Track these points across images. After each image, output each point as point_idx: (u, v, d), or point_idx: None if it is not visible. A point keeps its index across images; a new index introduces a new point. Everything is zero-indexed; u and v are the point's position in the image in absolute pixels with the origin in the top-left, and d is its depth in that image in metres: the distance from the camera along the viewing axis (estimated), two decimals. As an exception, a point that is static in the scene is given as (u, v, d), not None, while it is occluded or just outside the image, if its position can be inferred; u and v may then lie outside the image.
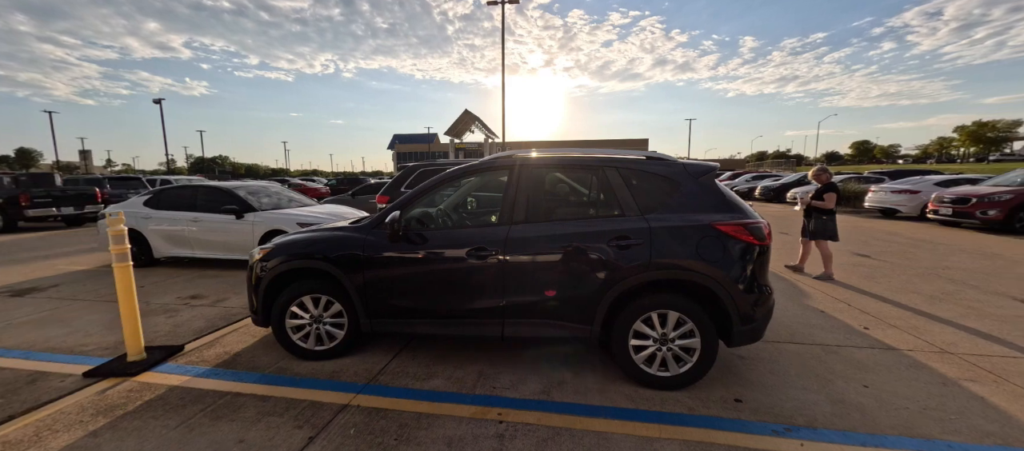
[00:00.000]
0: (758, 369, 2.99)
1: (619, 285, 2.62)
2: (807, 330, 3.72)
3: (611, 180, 2.80)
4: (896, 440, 2.19)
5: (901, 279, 5.44)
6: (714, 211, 2.63)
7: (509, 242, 2.74)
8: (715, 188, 2.71)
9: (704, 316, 2.59)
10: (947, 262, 6.40)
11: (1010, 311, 4.15)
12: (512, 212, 2.83)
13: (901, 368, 2.99)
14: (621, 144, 63.84)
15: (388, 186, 7.18)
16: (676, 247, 2.58)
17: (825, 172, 5.75)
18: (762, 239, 2.58)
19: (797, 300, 4.63)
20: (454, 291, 2.86)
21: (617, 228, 2.66)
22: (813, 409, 2.48)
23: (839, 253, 7.15)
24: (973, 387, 2.71)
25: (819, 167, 5.81)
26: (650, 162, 2.84)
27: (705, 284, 2.56)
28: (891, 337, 3.55)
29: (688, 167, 2.77)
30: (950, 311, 4.17)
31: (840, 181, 16.27)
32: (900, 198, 12.17)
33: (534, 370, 2.98)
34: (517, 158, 2.98)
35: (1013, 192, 9.35)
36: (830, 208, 5.53)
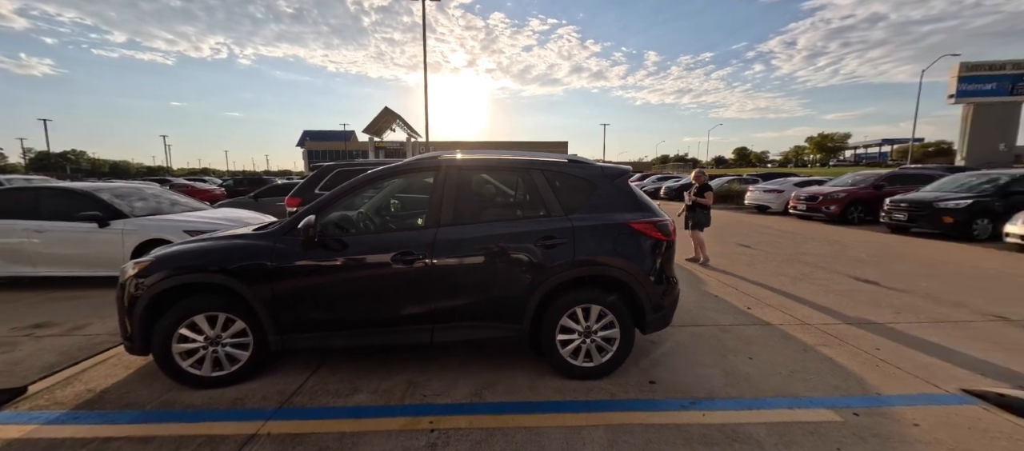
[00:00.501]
0: (668, 352, 3.32)
1: (546, 283, 2.72)
2: (705, 313, 4.24)
3: (536, 182, 2.89)
4: (773, 401, 2.60)
5: (772, 264, 6.47)
6: (628, 210, 2.86)
7: (436, 245, 2.68)
8: (628, 189, 2.96)
9: (622, 308, 2.80)
10: (804, 249, 7.77)
11: (846, 287, 5.18)
12: (439, 214, 2.77)
13: (775, 340, 3.55)
14: (543, 146, 66.33)
15: (300, 187, 6.55)
16: (597, 245, 2.76)
17: (703, 173, 6.91)
18: (668, 235, 2.87)
19: (696, 287, 5.25)
20: (378, 299, 2.71)
21: (543, 228, 2.75)
22: (711, 382, 2.83)
23: (726, 244, 8.29)
24: (825, 351, 3.33)
25: (698, 170, 7.06)
26: (572, 165, 2.99)
27: (622, 278, 2.77)
28: (767, 315, 4.20)
29: (605, 170, 2.98)
30: (807, 290, 5.07)
31: (726, 182, 18.84)
32: (769, 196, 14.49)
33: (465, 373, 2.95)
34: (443, 159, 2.93)
35: (846, 191, 11.69)
36: (708, 205, 6.57)
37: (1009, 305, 4.42)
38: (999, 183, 9.12)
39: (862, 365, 3.07)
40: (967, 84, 47.23)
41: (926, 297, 4.73)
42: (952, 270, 6.04)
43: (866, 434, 2.26)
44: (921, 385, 2.78)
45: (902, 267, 6.24)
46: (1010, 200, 8.63)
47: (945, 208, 8.83)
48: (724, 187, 18.16)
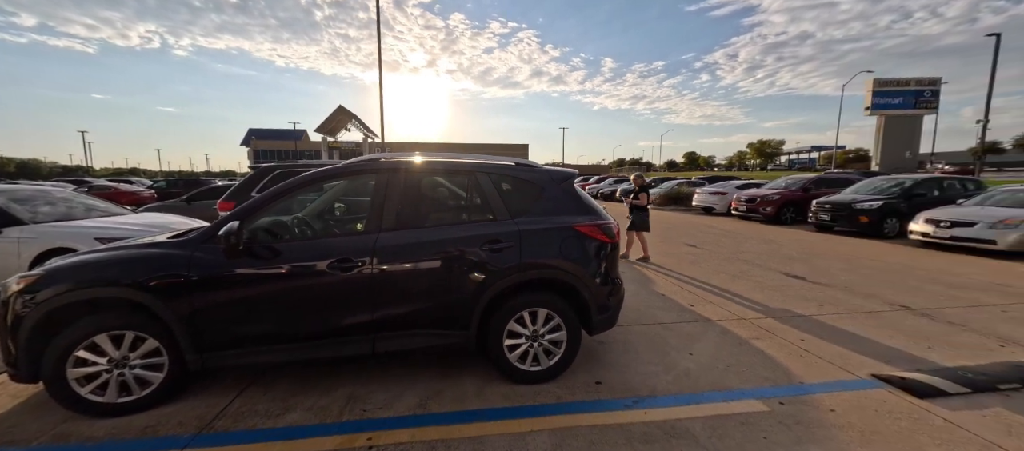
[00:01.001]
0: (615, 351, 3.39)
1: (493, 288, 2.68)
2: (651, 312, 4.39)
3: (483, 185, 2.85)
4: (710, 395, 2.72)
5: (715, 263, 6.85)
6: (573, 213, 2.89)
7: (377, 251, 2.56)
8: (574, 192, 2.99)
9: (569, 310, 2.82)
10: (743, 248, 8.31)
11: (778, 282, 5.58)
12: (381, 218, 2.65)
13: (714, 335, 3.74)
14: (504, 148, 66.56)
15: (235, 190, 6.08)
16: (543, 248, 2.76)
17: (641, 177, 7.33)
18: (612, 237, 2.93)
19: (646, 287, 5.44)
20: (314, 310, 2.55)
21: (490, 232, 2.71)
22: (654, 380, 2.92)
23: (675, 244, 8.69)
24: (758, 344, 3.54)
25: (636, 173, 7.59)
26: (518, 168, 2.98)
27: (568, 281, 2.79)
28: (708, 311, 4.42)
29: (551, 173, 2.99)
30: (744, 286, 5.40)
31: (675, 185, 19.81)
32: (714, 198, 15.41)
33: (411, 384, 2.84)
34: (386, 161, 2.81)
35: (780, 194, 12.68)
36: (644, 205, 6.97)
37: (911, 295, 4.95)
38: (904, 186, 10.27)
39: (789, 356, 3.30)
40: (879, 98, 53.10)
41: (845, 290, 5.19)
42: (866, 264, 6.70)
43: (790, 422, 2.41)
44: (838, 372, 3.03)
45: (825, 263, 6.84)
46: (913, 201, 9.75)
47: (861, 209, 9.81)
48: (674, 190, 19.08)
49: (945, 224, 7.89)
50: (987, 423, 2.40)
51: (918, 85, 52.73)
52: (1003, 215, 7.42)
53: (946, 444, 2.22)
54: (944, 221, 7.94)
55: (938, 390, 2.74)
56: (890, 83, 52.87)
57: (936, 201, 9.67)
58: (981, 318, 4.17)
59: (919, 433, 2.31)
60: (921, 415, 2.48)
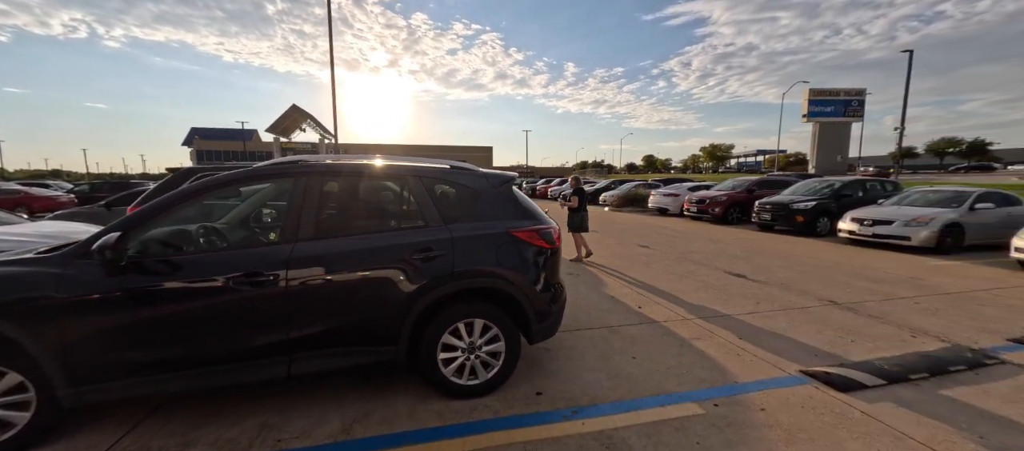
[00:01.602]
0: (558, 358, 3.32)
1: (424, 299, 2.51)
2: (600, 315, 4.38)
3: (415, 190, 2.68)
4: (649, 400, 2.70)
5: (665, 263, 7.03)
6: (511, 218, 2.78)
7: (293, 263, 2.32)
8: (512, 196, 2.88)
9: (507, 319, 2.71)
10: (692, 247, 8.61)
11: (722, 281, 5.78)
12: (298, 227, 2.41)
13: (658, 337, 3.77)
14: (468, 150, 66.16)
15: (147, 195, 5.49)
16: (478, 255, 2.63)
17: (577, 180, 7.61)
18: (552, 242, 2.85)
19: (597, 289, 5.45)
20: (219, 331, 2.27)
21: (420, 240, 2.54)
22: (596, 387, 2.86)
23: (629, 245, 8.86)
24: (698, 344, 3.60)
25: (573, 176, 7.77)
26: (454, 172, 2.83)
27: (505, 289, 2.68)
28: (655, 312, 4.48)
29: (488, 177, 2.87)
30: (690, 286, 5.55)
31: (632, 187, 20.40)
32: (668, 200, 15.99)
33: (337, 406, 2.61)
34: (304, 164, 2.58)
35: (727, 195, 13.34)
36: (573, 206, 7.26)
37: (838, 291, 5.28)
38: (834, 188, 11.10)
39: (727, 355, 3.37)
40: (814, 106, 57.79)
41: (781, 286, 5.46)
42: (801, 261, 7.13)
43: (722, 424, 2.43)
44: (770, 369, 3.12)
45: (766, 261, 7.20)
46: (842, 202, 10.55)
47: (797, 209, 10.49)
48: (631, 192, 19.63)
49: (868, 222, 8.58)
50: (900, 414, 2.52)
51: (847, 95, 57.94)
52: (915, 214, 8.17)
53: (864, 437, 2.30)
54: (867, 220, 8.62)
55: (858, 383, 2.87)
56: (823, 93, 57.71)
57: (861, 201, 10.52)
58: (897, 311, 4.50)
59: (840, 428, 2.39)
60: (843, 409, 2.58)
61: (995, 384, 2.90)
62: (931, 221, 7.88)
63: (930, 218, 7.93)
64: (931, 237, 7.79)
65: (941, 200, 8.74)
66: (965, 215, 8.06)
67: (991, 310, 4.52)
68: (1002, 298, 4.97)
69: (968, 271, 6.43)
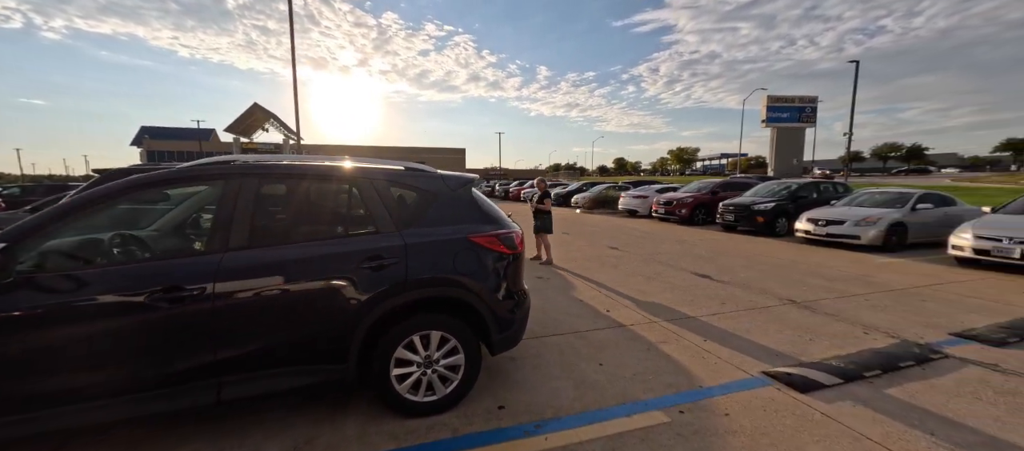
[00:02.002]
0: (523, 367, 3.19)
1: (375, 312, 2.32)
2: (567, 319, 4.29)
3: (365, 193, 2.48)
4: (614, 410, 2.61)
5: (633, 264, 7.07)
6: (471, 222, 2.63)
7: (222, 275, 2.07)
8: (472, 200, 2.73)
9: (466, 330, 2.55)
10: (660, 249, 8.74)
11: (688, 282, 5.85)
12: (228, 234, 2.16)
13: (625, 341, 3.71)
14: (440, 152, 65.37)
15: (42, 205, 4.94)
16: (434, 263, 2.46)
17: (544, 182, 7.76)
18: (513, 248, 2.72)
19: (566, 293, 5.37)
20: (130, 354, 1.99)
21: (370, 247, 2.35)
22: (561, 397, 2.75)
23: (599, 247, 8.89)
24: (665, 348, 3.57)
25: (539, 178, 7.96)
26: (408, 174, 2.65)
27: (464, 298, 2.52)
28: (622, 315, 4.44)
29: (446, 179, 2.71)
30: (657, 287, 5.58)
31: (603, 189, 20.69)
32: (637, 202, 16.29)
33: (280, 431, 2.37)
34: (238, 164, 2.33)
35: (693, 197, 13.71)
36: (548, 210, 7.33)
37: (796, 289, 5.45)
38: (791, 190, 11.62)
39: (692, 358, 3.35)
40: (772, 112, 60.97)
41: (743, 287, 5.58)
42: (761, 261, 7.36)
43: (688, 432, 2.37)
44: (734, 372, 3.11)
45: (729, 261, 7.39)
46: (798, 203, 11.05)
47: (758, 210, 10.90)
48: (602, 194, 19.90)
49: (822, 223, 9.00)
50: (857, 413, 2.56)
51: (801, 102, 61.50)
52: (864, 214, 8.64)
53: (824, 441, 2.30)
54: (821, 220, 9.05)
55: (817, 383, 2.90)
56: (780, 100, 61.01)
57: (816, 202, 11.05)
58: (850, 308, 4.67)
59: (802, 431, 2.39)
60: (803, 411, 2.59)
61: (941, 379, 3.00)
62: (878, 221, 8.35)
63: (877, 218, 8.40)
64: (878, 236, 8.25)
65: (886, 201, 9.29)
66: (908, 215, 8.59)
67: (933, 305, 4.77)
68: (941, 293, 5.27)
69: (911, 268, 6.82)
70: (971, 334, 3.83)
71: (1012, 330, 3.90)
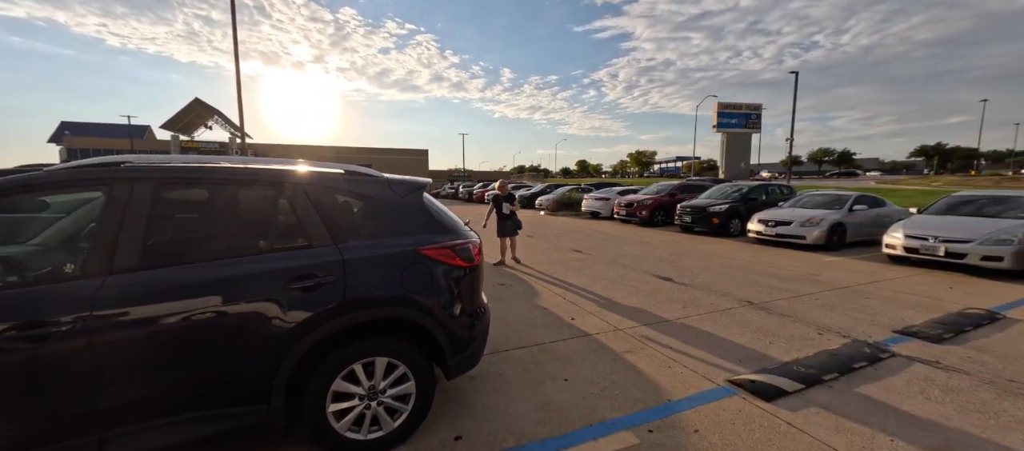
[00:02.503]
0: (483, 388, 2.94)
1: (306, 340, 1.98)
2: (530, 331, 4.09)
3: (296, 201, 2.13)
4: (582, 433, 2.42)
5: (597, 268, 7.02)
6: (421, 233, 2.35)
7: (103, 303, 1.67)
8: (423, 207, 2.45)
9: (417, 355, 2.27)
10: (623, 251, 8.79)
11: (651, 286, 5.85)
12: (113, 253, 1.75)
13: (590, 352, 3.56)
14: (402, 153, 63.64)
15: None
16: (377, 280, 2.15)
17: (505, 184, 7.72)
18: (470, 260, 2.47)
19: (530, 300, 5.18)
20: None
21: (299, 264, 2.01)
22: (523, 421, 2.53)
23: (563, 250, 8.80)
24: (631, 358, 3.45)
25: (501, 181, 7.80)
26: (349, 178, 2.32)
27: (414, 319, 2.24)
28: (587, 323, 4.30)
29: (394, 184, 2.41)
30: (622, 292, 5.52)
31: (566, 191, 20.84)
32: (599, 204, 16.51)
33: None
34: (127, 167, 1.92)
35: (652, 199, 14.05)
36: (512, 213, 7.43)
37: (752, 290, 5.58)
38: (743, 192, 12.17)
39: (659, 368, 3.24)
40: (722, 118, 64.62)
41: (704, 289, 5.64)
42: (719, 262, 7.55)
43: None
44: (700, 382, 3.03)
45: (689, 262, 7.52)
46: (750, 204, 11.57)
47: (713, 212, 11.30)
48: (565, 196, 20.03)
49: (771, 224, 9.44)
50: (821, 421, 2.52)
51: (748, 109, 65.71)
52: (809, 215, 9.14)
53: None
54: (771, 221, 9.49)
55: (781, 390, 2.87)
56: (729, 107, 64.85)
57: (765, 204, 11.63)
58: (802, 308, 4.81)
59: (770, 445, 2.31)
60: (770, 422, 2.52)
61: (893, 378, 3.08)
62: (820, 222, 8.85)
63: (820, 219, 8.91)
64: (821, 236, 8.75)
65: (826, 203, 9.91)
66: (846, 216, 9.19)
67: (875, 303, 5.02)
68: (880, 290, 5.59)
69: (852, 266, 7.25)
70: (912, 331, 4.02)
71: (946, 326, 4.14)
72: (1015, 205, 7.11)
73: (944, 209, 7.94)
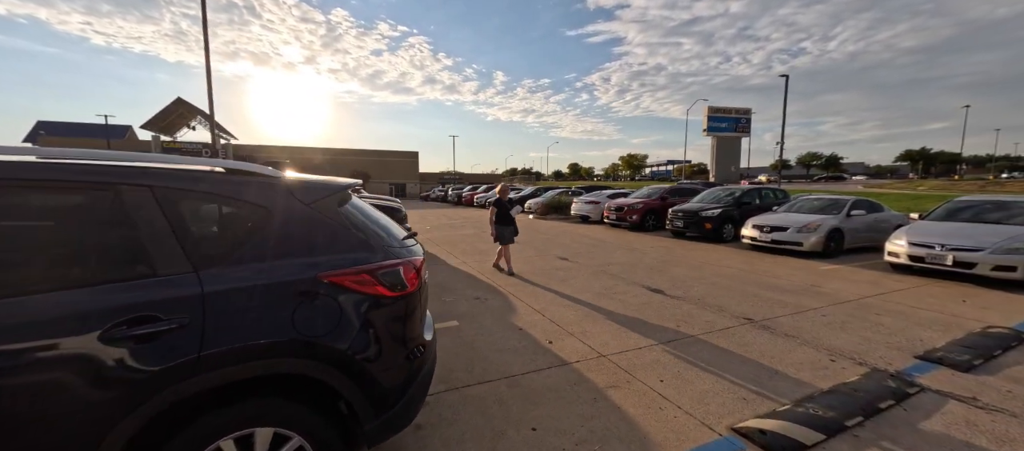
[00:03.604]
0: (431, 441, 2.35)
1: (141, 410, 1.37)
2: (500, 359, 3.50)
3: (139, 210, 1.51)
4: (546, 515, 1.84)
5: (583, 278, 6.45)
6: (330, 252, 1.75)
7: None
8: (338, 217, 1.85)
9: (319, 422, 1.66)
10: (611, 259, 8.25)
11: (640, 299, 5.30)
12: None
13: (567, 388, 2.98)
14: (391, 155, 62.68)
15: None
16: (256, 321, 1.55)
17: (507, 189, 7.27)
18: (400, 287, 1.87)
19: (504, 318, 4.59)
20: None
21: (130, 301, 1.40)
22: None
23: (548, 257, 8.23)
24: (614, 396, 2.88)
25: (502, 185, 7.45)
26: (225, 179, 1.71)
27: (312, 373, 1.63)
28: (567, 348, 3.72)
29: (296, 187, 1.80)
30: (608, 306, 4.96)
31: (556, 194, 20.32)
32: (589, 207, 16.01)
33: None
34: None
35: (643, 203, 13.58)
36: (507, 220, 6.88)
37: (751, 305, 5.06)
38: (736, 196, 11.74)
39: (647, 411, 2.68)
40: (713, 122, 64.91)
41: (698, 303, 5.11)
42: (713, 271, 7.05)
43: None
44: (699, 431, 2.47)
45: (680, 272, 7.01)
46: (743, 209, 11.15)
47: (705, 217, 10.84)
48: (555, 199, 19.50)
49: (767, 229, 8.99)
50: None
51: (737, 113, 66.09)
52: (806, 220, 8.70)
53: (824, 549, 1.67)
54: (766, 227, 9.03)
55: (798, 444, 2.32)
56: (719, 111, 65.15)
57: (759, 208, 11.22)
58: (808, 326, 4.29)
59: (793, 533, 1.75)
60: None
61: (928, 424, 2.55)
62: (818, 228, 8.42)
63: (817, 225, 8.48)
64: (819, 242, 8.32)
65: (823, 207, 9.51)
66: (844, 221, 8.77)
67: (887, 320, 4.53)
68: (890, 305, 5.11)
69: (854, 275, 6.79)
70: (936, 357, 3.52)
71: (972, 350, 3.65)
72: (1022, 211, 6.73)
73: (946, 215, 7.54)
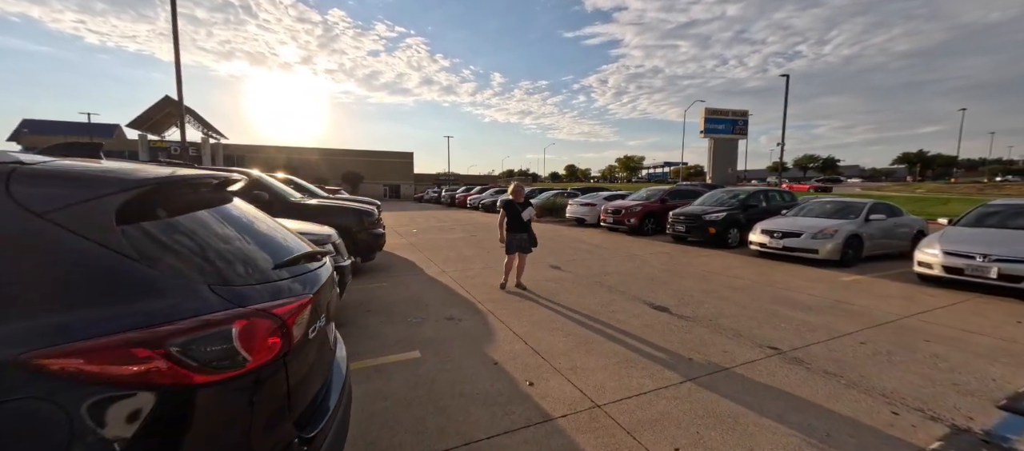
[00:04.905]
0: None
1: None
2: (463, 408, 2.68)
3: None
4: None
5: (576, 293, 5.65)
6: (73, 305, 0.93)
7: None
8: (106, 234, 1.02)
9: None
10: (608, 268, 7.45)
11: (643, 321, 4.49)
12: None
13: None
14: (387, 156, 61.80)
15: None
16: None
17: (521, 189, 6.08)
18: (230, 363, 1.04)
19: (478, 348, 3.76)
20: None
21: None
22: None
23: (539, 266, 7.40)
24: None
25: (516, 184, 6.19)
26: None
27: None
28: (552, 393, 2.91)
29: (10, 178, 0.98)
30: (604, 331, 4.15)
31: (551, 195, 19.53)
32: (585, 210, 15.22)
33: None
34: None
35: (642, 206, 12.81)
36: (527, 222, 5.89)
37: (774, 328, 4.27)
38: (740, 198, 10.99)
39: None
40: (710, 124, 64.49)
41: (711, 326, 4.31)
42: (722, 283, 6.26)
43: None
44: (736, 547, 1.66)
45: (686, 284, 6.21)
46: (749, 212, 10.39)
47: (709, 221, 10.07)
48: (549, 201, 18.71)
49: (778, 235, 8.22)
50: None
51: (734, 115, 65.67)
52: (820, 225, 7.94)
53: None
54: (776, 232, 8.27)
55: None
56: (716, 113, 64.71)
57: (765, 211, 10.47)
58: (850, 359, 3.50)
59: None
60: None
61: (1068, 533, 1.76)
62: (835, 234, 7.67)
63: (834, 230, 7.72)
64: (836, 250, 7.56)
65: (837, 211, 8.75)
66: (862, 226, 8.02)
67: (940, 349, 3.75)
68: (935, 328, 4.34)
69: (881, 288, 6.03)
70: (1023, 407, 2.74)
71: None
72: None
73: (979, 220, 6.80)
